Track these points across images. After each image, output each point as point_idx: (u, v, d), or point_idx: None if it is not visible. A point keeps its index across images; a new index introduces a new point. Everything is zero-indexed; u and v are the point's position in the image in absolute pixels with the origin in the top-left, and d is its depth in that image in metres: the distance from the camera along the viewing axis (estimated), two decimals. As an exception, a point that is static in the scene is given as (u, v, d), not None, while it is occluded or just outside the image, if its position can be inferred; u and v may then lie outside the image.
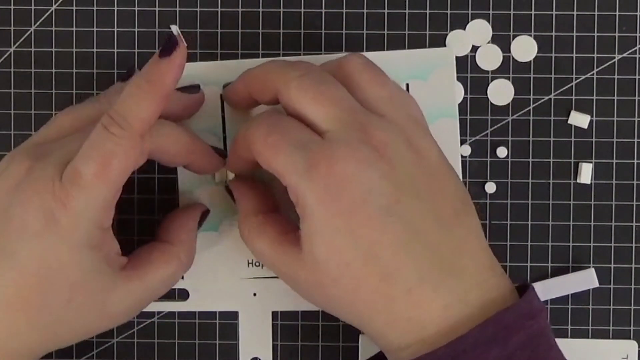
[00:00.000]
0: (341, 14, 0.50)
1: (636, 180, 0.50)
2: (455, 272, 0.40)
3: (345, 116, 0.41)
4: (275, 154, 0.41)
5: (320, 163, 0.40)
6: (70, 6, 0.50)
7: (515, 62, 0.50)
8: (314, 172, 0.40)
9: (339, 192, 0.40)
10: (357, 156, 0.40)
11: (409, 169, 0.41)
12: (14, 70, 0.50)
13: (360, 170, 0.40)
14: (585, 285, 0.49)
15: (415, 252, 0.40)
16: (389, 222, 0.40)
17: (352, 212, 0.40)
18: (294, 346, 0.50)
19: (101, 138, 0.40)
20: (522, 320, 0.40)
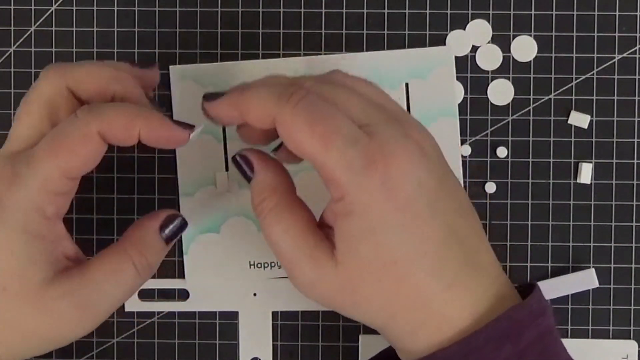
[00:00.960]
0: (341, 14, 0.50)
1: (636, 180, 0.50)
2: (479, 269, 0.40)
3: (379, 112, 0.41)
4: (325, 147, 0.38)
5: (376, 159, 0.39)
6: (70, 6, 0.50)
7: (515, 62, 0.50)
8: (371, 169, 0.39)
9: (393, 188, 0.39)
10: (407, 151, 0.39)
11: (441, 164, 0.41)
12: (14, 70, 0.50)
13: (412, 165, 0.39)
14: (585, 285, 0.49)
15: (453, 249, 0.40)
16: (436, 218, 0.39)
17: (405, 208, 0.39)
18: (294, 346, 0.50)
19: (66, 122, 0.40)
20: (533, 317, 0.40)
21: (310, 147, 0.39)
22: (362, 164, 0.38)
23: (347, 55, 0.50)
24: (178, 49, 0.50)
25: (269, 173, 0.42)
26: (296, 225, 0.40)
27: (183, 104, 0.50)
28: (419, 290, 0.39)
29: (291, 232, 0.40)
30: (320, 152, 0.39)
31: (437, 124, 0.49)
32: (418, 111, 0.49)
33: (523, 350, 0.39)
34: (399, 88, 0.49)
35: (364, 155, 0.39)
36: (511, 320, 0.39)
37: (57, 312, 0.40)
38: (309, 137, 0.39)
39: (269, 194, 0.41)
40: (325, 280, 0.40)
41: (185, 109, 0.50)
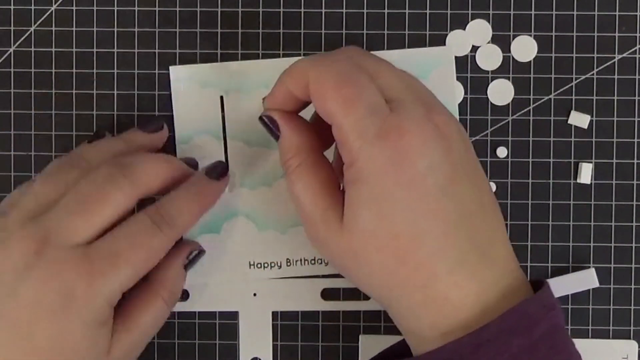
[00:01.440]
0: (341, 14, 0.50)
1: (636, 180, 0.50)
2: (489, 259, 0.40)
3: (411, 90, 0.41)
4: (346, 110, 0.40)
5: (390, 133, 0.39)
6: (70, 6, 0.50)
7: (515, 62, 0.50)
8: (383, 140, 0.39)
9: (402, 163, 0.39)
10: (425, 132, 0.40)
11: (462, 152, 0.41)
12: (14, 70, 0.50)
13: (426, 146, 0.40)
14: (585, 285, 0.49)
15: (461, 234, 0.40)
16: (442, 200, 0.40)
17: (411, 185, 0.39)
18: (294, 346, 0.50)
19: (149, 233, 0.43)
20: (544, 311, 0.40)
21: (332, 106, 0.40)
22: (376, 133, 0.39)
23: (347, 55, 0.50)
24: (178, 49, 0.50)
25: (294, 133, 0.43)
26: (315, 185, 0.42)
27: (183, 104, 0.50)
28: (419, 269, 0.40)
29: (310, 190, 0.42)
30: (340, 113, 0.40)
31: (437, 124, 0.49)
32: (418, 111, 0.49)
33: (534, 343, 0.39)
34: (399, 88, 0.49)
35: (380, 126, 0.39)
36: (523, 314, 0.39)
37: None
38: (333, 96, 0.40)
39: (293, 154, 0.43)
40: (333, 242, 0.41)
41: (186, 109, 0.50)
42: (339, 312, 0.50)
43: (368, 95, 0.40)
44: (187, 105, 0.49)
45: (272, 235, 0.50)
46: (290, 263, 0.50)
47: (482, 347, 0.39)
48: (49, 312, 0.41)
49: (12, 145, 0.50)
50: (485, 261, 0.40)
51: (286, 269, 0.50)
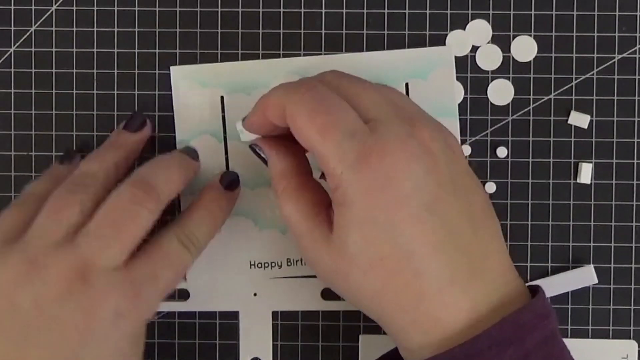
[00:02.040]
0: (341, 14, 0.50)
1: (636, 180, 0.50)
2: (482, 274, 0.40)
3: (390, 108, 0.41)
4: (323, 137, 0.40)
5: (371, 155, 0.39)
6: (70, 6, 0.50)
7: (515, 62, 0.50)
8: (363, 164, 0.39)
9: (385, 186, 0.39)
10: (406, 150, 0.40)
11: (449, 165, 0.41)
12: (14, 70, 0.50)
13: (409, 166, 0.39)
14: (584, 282, 0.49)
15: (450, 251, 0.40)
16: (429, 219, 0.39)
17: (395, 206, 0.39)
18: (294, 346, 0.50)
19: (180, 253, 0.44)
20: (537, 319, 0.40)
21: (310, 136, 0.40)
22: (356, 157, 0.39)
23: (347, 55, 0.50)
24: (178, 49, 0.50)
25: (279, 158, 0.44)
26: (302, 207, 0.42)
27: (183, 104, 0.50)
28: (407, 290, 0.40)
29: (297, 212, 0.42)
30: (318, 142, 0.40)
31: (437, 124, 0.49)
32: (418, 111, 0.49)
33: (527, 354, 0.39)
34: (399, 88, 0.49)
35: (359, 149, 0.39)
36: (515, 324, 0.39)
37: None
38: (309, 127, 0.40)
39: (279, 178, 0.44)
40: (322, 261, 0.41)
41: (186, 109, 0.50)
42: (339, 312, 0.50)
43: (344, 120, 0.40)
44: (187, 105, 0.50)
45: (272, 235, 0.50)
46: (291, 263, 0.50)
47: (475, 357, 0.38)
48: (97, 334, 0.41)
49: (12, 145, 0.50)
50: (476, 276, 0.40)
51: (286, 269, 0.50)
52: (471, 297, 0.40)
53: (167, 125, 0.50)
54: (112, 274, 0.42)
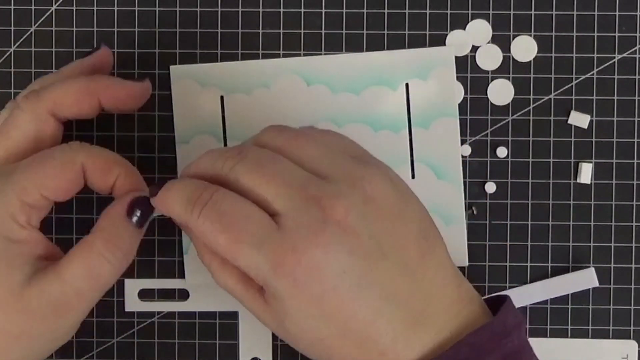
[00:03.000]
0: (341, 14, 0.50)
1: (636, 180, 0.50)
2: (427, 319, 0.40)
3: (296, 193, 0.39)
4: (234, 255, 0.39)
5: (285, 259, 0.38)
6: (70, 6, 0.50)
7: (515, 62, 0.50)
8: (279, 270, 0.39)
9: (308, 282, 0.39)
10: (322, 241, 0.39)
11: (371, 227, 0.40)
12: (14, 70, 0.50)
13: (328, 255, 0.39)
14: (585, 284, 0.49)
15: (389, 315, 0.39)
16: (362, 296, 0.39)
17: (324, 298, 0.39)
18: (294, 346, 0.50)
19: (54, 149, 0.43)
20: (495, 339, 0.39)
21: (223, 254, 0.40)
22: (271, 266, 0.39)
23: (347, 55, 0.50)
24: (178, 49, 0.50)
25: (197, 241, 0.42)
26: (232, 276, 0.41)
27: (183, 104, 0.50)
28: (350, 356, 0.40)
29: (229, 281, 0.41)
30: (233, 259, 0.40)
31: (437, 124, 0.49)
32: (418, 111, 0.49)
33: None
34: (399, 88, 0.49)
35: (272, 257, 0.39)
36: (471, 346, 0.38)
37: (35, 311, 0.40)
38: (218, 246, 0.40)
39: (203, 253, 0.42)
40: (267, 323, 0.42)
41: (186, 109, 0.50)
42: (339, 312, 0.50)
43: (248, 229, 0.39)
44: (187, 105, 0.50)
45: (272, 235, 0.49)
46: (290, 263, 0.50)
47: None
48: None
49: (12, 145, 0.50)
50: (422, 324, 0.40)
51: (286, 269, 0.50)
52: (417, 346, 0.39)
53: (167, 125, 0.50)
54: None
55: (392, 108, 0.49)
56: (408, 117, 0.49)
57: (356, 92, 0.49)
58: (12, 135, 0.43)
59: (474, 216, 0.50)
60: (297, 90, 0.49)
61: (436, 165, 0.49)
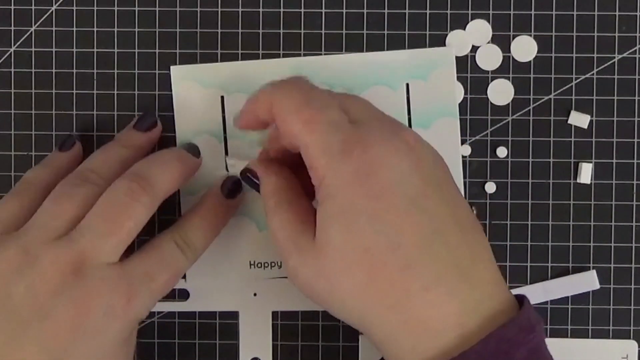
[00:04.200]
0: (341, 14, 0.50)
1: (636, 180, 0.50)
2: (470, 279, 0.39)
3: (378, 112, 0.42)
4: (309, 130, 0.40)
5: (355, 146, 0.39)
6: (70, 6, 0.50)
7: (515, 62, 0.50)
8: (347, 154, 0.39)
9: (369, 175, 0.39)
10: (390, 144, 0.40)
11: (434, 170, 0.41)
12: (14, 70, 0.50)
13: (393, 158, 0.40)
14: (586, 287, 0.49)
15: (435, 249, 0.39)
16: (413, 213, 0.39)
17: (379, 196, 0.39)
18: (294, 346, 0.50)
19: (175, 256, 0.44)
20: (523, 334, 0.39)
21: (295, 129, 0.40)
22: (340, 148, 0.40)
23: (347, 55, 0.50)
24: (178, 49, 0.50)
25: (270, 179, 0.44)
26: (289, 218, 0.42)
27: (183, 104, 0.50)
28: (393, 285, 0.39)
29: (284, 223, 0.42)
30: (304, 135, 0.40)
31: (437, 124, 0.49)
32: (418, 112, 0.49)
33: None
34: (400, 89, 0.49)
35: (344, 141, 0.40)
36: (501, 340, 0.38)
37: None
38: (295, 120, 0.40)
39: (270, 196, 0.43)
40: (305, 265, 0.41)
41: (186, 109, 0.50)
42: (339, 312, 0.50)
43: (329, 114, 0.40)
44: (187, 105, 0.50)
45: (272, 235, 0.50)
46: (291, 263, 0.50)
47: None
48: (89, 331, 0.41)
49: (12, 145, 0.50)
50: (465, 280, 0.39)
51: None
52: (459, 301, 0.39)
53: (167, 125, 0.50)
54: (106, 269, 0.42)
55: (393, 108, 0.49)
56: (408, 117, 0.49)
57: (356, 92, 0.49)
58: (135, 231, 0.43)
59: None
60: (297, 90, 0.49)
61: (436, 165, 0.49)
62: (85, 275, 0.41)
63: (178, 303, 0.50)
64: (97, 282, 0.41)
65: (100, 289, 0.41)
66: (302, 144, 0.40)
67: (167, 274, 0.44)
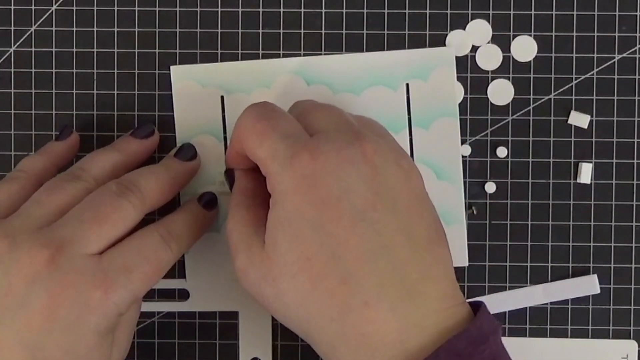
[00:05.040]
0: (341, 14, 0.50)
1: (636, 180, 0.50)
2: (416, 296, 0.39)
3: (342, 123, 0.42)
4: (260, 141, 0.41)
5: (303, 153, 0.40)
6: (70, 6, 0.50)
7: (515, 62, 0.50)
8: (295, 160, 0.40)
9: (316, 184, 0.39)
10: (341, 154, 0.40)
11: (392, 182, 0.40)
12: (14, 70, 0.50)
13: (342, 168, 0.39)
14: (586, 290, 0.49)
15: (379, 265, 0.39)
16: (359, 225, 0.39)
17: (324, 205, 0.39)
18: (294, 346, 0.50)
19: (158, 248, 0.43)
20: (473, 345, 0.38)
21: (251, 142, 0.41)
22: (289, 155, 0.40)
23: (347, 55, 0.50)
24: (178, 49, 0.50)
25: (242, 179, 0.45)
26: (246, 219, 0.43)
27: (183, 104, 0.50)
28: (333, 297, 0.39)
29: (240, 223, 0.43)
30: (256, 146, 0.41)
31: (437, 124, 0.49)
32: (418, 112, 0.49)
33: None
34: (400, 89, 0.49)
35: (293, 148, 0.40)
36: (450, 353, 0.37)
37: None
38: (250, 133, 0.41)
39: (236, 195, 0.44)
40: (253, 268, 0.41)
41: (186, 109, 0.50)
42: (339, 312, 0.50)
43: (282, 124, 0.41)
44: (187, 105, 0.50)
45: (272, 235, 0.50)
46: (291, 263, 0.50)
47: None
48: (63, 321, 0.41)
49: (12, 145, 0.50)
50: (409, 297, 0.39)
51: (286, 269, 0.50)
52: (400, 317, 0.38)
53: (167, 125, 0.50)
54: (83, 259, 0.41)
55: (393, 108, 0.49)
56: (408, 117, 0.49)
57: (356, 92, 0.49)
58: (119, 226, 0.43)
59: (474, 216, 0.50)
60: (297, 90, 0.49)
61: (436, 165, 0.49)
62: (61, 265, 0.41)
63: (178, 303, 0.50)
64: (72, 273, 0.41)
65: (75, 279, 0.41)
66: (257, 156, 0.41)
67: (148, 267, 0.42)
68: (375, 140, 0.41)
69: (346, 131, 0.41)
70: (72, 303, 0.41)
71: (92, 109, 0.50)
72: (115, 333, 0.43)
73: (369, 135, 0.41)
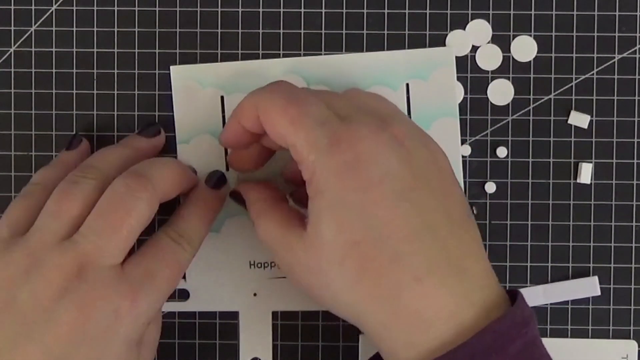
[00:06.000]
0: (341, 14, 0.50)
1: (636, 180, 0.50)
2: (461, 271, 0.40)
3: (364, 109, 0.42)
4: (295, 128, 0.40)
5: (342, 140, 0.40)
6: (70, 6, 0.50)
7: (515, 62, 0.50)
8: (335, 148, 0.40)
9: (357, 169, 0.39)
10: (378, 138, 0.40)
11: (425, 164, 0.41)
12: (14, 70, 0.50)
13: (381, 152, 0.40)
14: (587, 292, 0.49)
15: (426, 241, 0.39)
16: (402, 206, 0.39)
17: (367, 189, 0.39)
18: (294, 346, 0.50)
19: (174, 251, 0.44)
20: (517, 328, 0.39)
21: (282, 128, 0.41)
22: (328, 142, 0.40)
23: (347, 55, 0.50)
24: (178, 49, 0.50)
25: (252, 191, 0.45)
26: (274, 221, 0.43)
27: (183, 104, 0.50)
28: (384, 276, 0.39)
29: (270, 226, 0.43)
30: (290, 133, 0.41)
31: (437, 124, 0.49)
32: (418, 111, 0.49)
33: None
34: (400, 89, 0.49)
35: (331, 135, 0.40)
36: (496, 333, 0.38)
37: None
38: (281, 119, 0.41)
39: (254, 204, 0.45)
40: (299, 263, 0.41)
41: (186, 109, 0.50)
42: (339, 312, 0.50)
43: (315, 111, 0.41)
44: (187, 105, 0.50)
45: (272, 235, 0.50)
46: (291, 263, 0.50)
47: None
48: (92, 334, 0.41)
49: (12, 145, 0.50)
50: (456, 272, 0.39)
51: (286, 269, 0.50)
52: (451, 293, 0.39)
53: (167, 125, 0.50)
54: (107, 271, 0.42)
55: (392, 108, 0.49)
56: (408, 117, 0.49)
57: (356, 92, 0.49)
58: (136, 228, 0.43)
59: (474, 216, 0.50)
60: (297, 90, 0.49)
61: (436, 165, 0.49)
62: (87, 279, 0.41)
63: (178, 303, 0.50)
64: (99, 286, 0.41)
65: (102, 291, 0.41)
66: (290, 142, 0.41)
67: (168, 270, 0.43)
68: (403, 123, 0.42)
69: (375, 115, 0.42)
70: (101, 315, 0.41)
71: (92, 109, 0.50)
72: (140, 349, 0.43)
73: (394, 119, 0.42)
